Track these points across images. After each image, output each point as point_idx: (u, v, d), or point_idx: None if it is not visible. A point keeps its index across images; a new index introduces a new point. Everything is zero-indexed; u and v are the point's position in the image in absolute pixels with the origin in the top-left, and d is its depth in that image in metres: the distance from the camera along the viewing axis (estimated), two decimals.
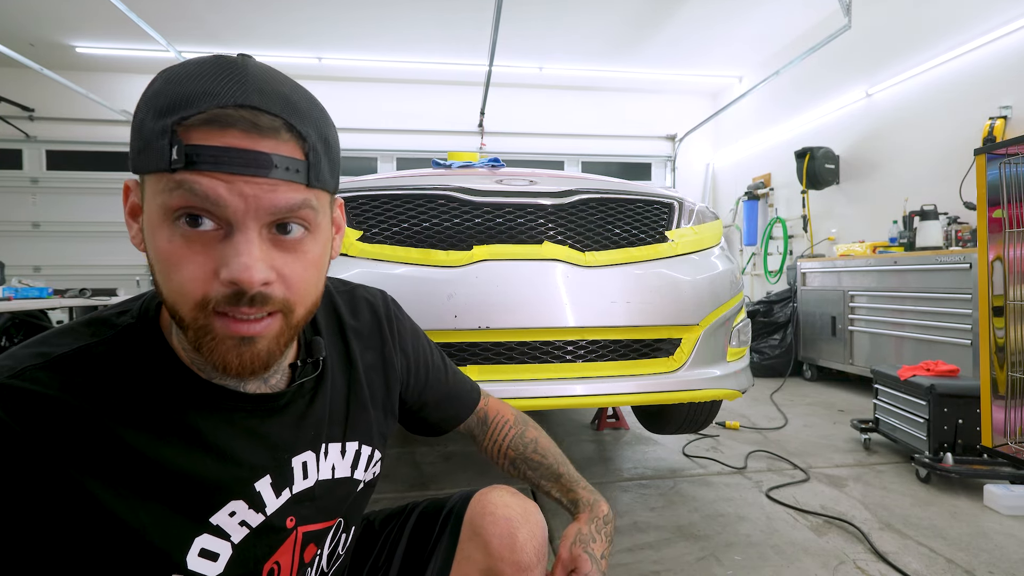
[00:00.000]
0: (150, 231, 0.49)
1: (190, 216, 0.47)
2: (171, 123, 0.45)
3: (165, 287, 0.49)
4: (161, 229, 0.48)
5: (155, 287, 0.52)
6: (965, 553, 1.52)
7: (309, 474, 0.62)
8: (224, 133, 0.46)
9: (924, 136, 3.94)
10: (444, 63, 5.94)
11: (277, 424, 0.60)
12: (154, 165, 0.46)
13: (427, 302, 1.37)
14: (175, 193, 0.46)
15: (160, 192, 0.47)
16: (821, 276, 4.10)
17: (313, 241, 0.53)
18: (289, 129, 0.48)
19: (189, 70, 0.48)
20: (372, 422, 0.70)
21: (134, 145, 0.48)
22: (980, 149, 1.93)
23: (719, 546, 1.57)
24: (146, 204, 0.49)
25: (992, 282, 1.92)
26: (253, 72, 0.48)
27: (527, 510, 0.73)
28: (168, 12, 4.73)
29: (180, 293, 0.48)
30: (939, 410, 2.09)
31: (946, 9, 3.79)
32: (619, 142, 6.92)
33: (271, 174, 0.47)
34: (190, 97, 0.46)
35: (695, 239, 1.67)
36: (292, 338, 0.54)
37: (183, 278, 0.48)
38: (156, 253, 0.48)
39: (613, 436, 2.71)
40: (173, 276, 0.48)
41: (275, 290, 0.49)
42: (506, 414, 0.89)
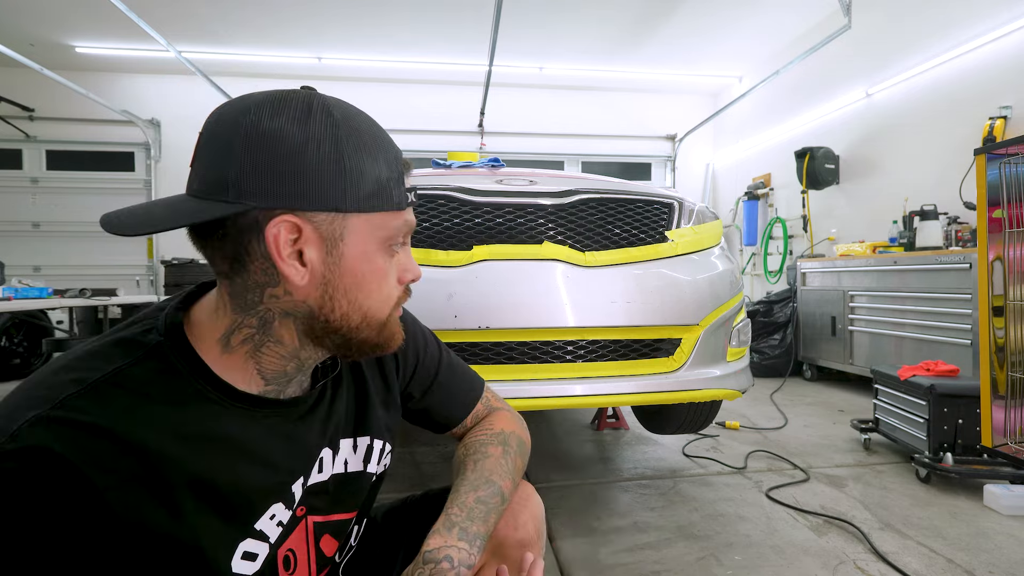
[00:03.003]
0: (360, 258, 0.56)
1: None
2: (399, 171, 0.58)
3: (371, 300, 0.58)
4: (378, 254, 0.57)
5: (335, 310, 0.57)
6: (965, 553, 1.52)
7: (324, 468, 0.66)
8: (408, 179, 0.60)
9: (924, 136, 3.94)
10: (444, 63, 5.94)
11: (307, 425, 0.63)
12: (387, 205, 0.56)
13: (427, 302, 1.36)
14: (403, 228, 0.59)
15: (380, 226, 0.56)
16: (821, 276, 4.10)
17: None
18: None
19: (365, 118, 0.60)
20: (378, 416, 0.73)
21: (357, 187, 0.54)
22: (980, 149, 1.93)
23: (719, 546, 1.57)
24: (352, 236, 0.55)
25: (992, 282, 1.92)
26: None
27: (526, 493, 0.78)
28: (168, 12, 4.74)
29: (388, 299, 0.60)
30: (939, 410, 2.09)
31: (946, 9, 3.79)
32: (619, 142, 6.92)
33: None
34: (391, 146, 0.59)
35: (695, 239, 1.67)
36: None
37: (390, 287, 0.60)
38: (369, 275, 0.57)
39: (613, 436, 2.71)
40: (383, 288, 0.59)
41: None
42: (495, 424, 0.83)
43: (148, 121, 6.04)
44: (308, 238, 0.53)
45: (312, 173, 0.52)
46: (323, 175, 0.52)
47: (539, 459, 2.34)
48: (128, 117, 5.83)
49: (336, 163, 0.53)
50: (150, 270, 6.12)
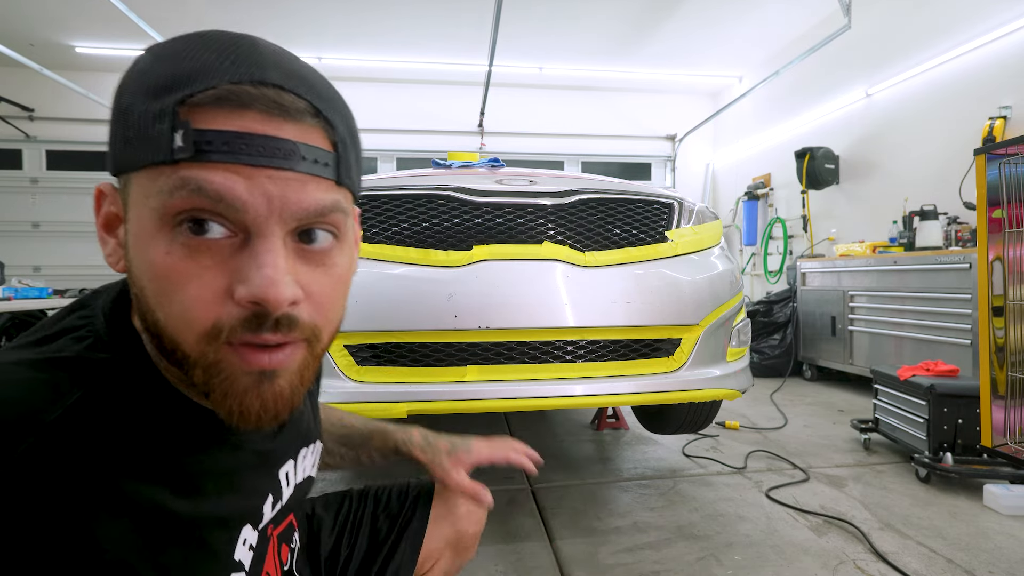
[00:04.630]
0: (139, 243, 0.39)
1: (195, 221, 0.37)
2: (172, 103, 0.36)
3: (162, 314, 0.39)
4: (156, 239, 0.38)
5: (143, 317, 0.41)
6: (965, 553, 1.52)
7: (290, 481, 0.59)
8: (241, 115, 0.37)
9: (924, 136, 3.94)
10: (444, 63, 5.94)
11: (277, 441, 0.56)
12: (149, 157, 0.37)
13: (427, 302, 1.37)
14: (178, 193, 0.36)
15: (156, 193, 0.37)
16: (821, 276, 4.10)
17: (340, 252, 0.44)
18: (316, 114, 0.40)
19: (188, 44, 0.39)
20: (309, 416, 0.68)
21: (117, 135, 0.39)
22: (980, 149, 1.93)
23: (719, 546, 1.57)
24: (132, 210, 0.39)
25: (992, 282, 1.92)
26: (266, 47, 0.41)
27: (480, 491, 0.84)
28: (168, 12, 4.74)
29: (183, 320, 0.38)
30: (939, 410, 2.09)
31: (946, 9, 3.79)
32: (619, 142, 6.92)
33: (299, 167, 0.39)
34: (195, 72, 0.37)
35: (695, 239, 1.67)
36: (315, 372, 0.46)
37: (187, 300, 0.38)
38: (150, 270, 0.39)
39: (613, 436, 2.71)
40: (174, 299, 0.38)
41: (302, 312, 0.41)
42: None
43: None
44: (108, 212, 0.43)
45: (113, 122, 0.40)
46: (110, 123, 0.40)
47: None
48: None
49: (115, 104, 0.40)
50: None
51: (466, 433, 0.88)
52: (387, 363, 1.42)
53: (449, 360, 1.42)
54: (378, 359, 1.42)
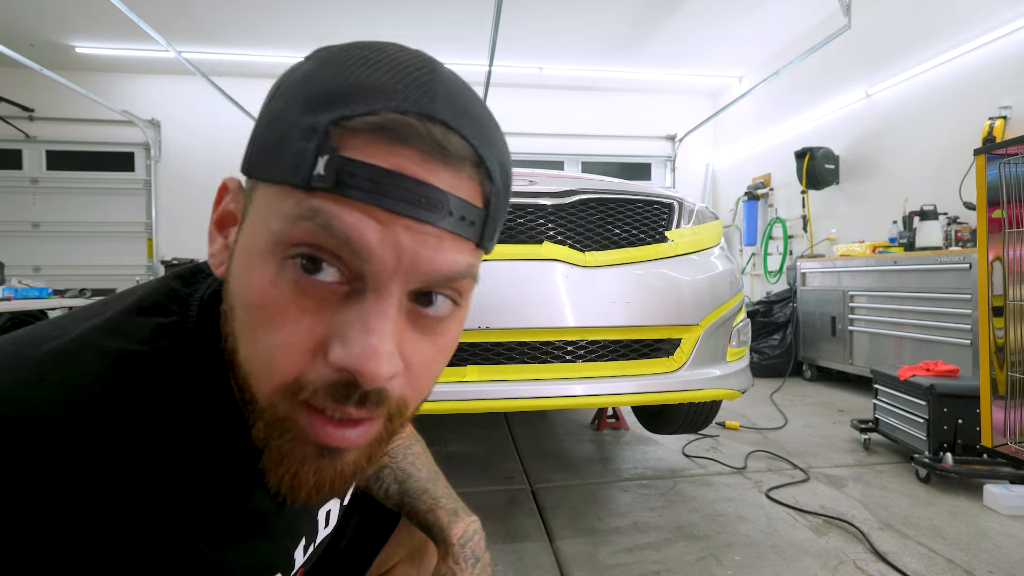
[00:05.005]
0: (245, 259, 0.35)
1: (310, 259, 0.33)
2: (325, 122, 0.32)
3: (245, 347, 0.35)
4: (265, 264, 0.33)
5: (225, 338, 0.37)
6: (965, 553, 1.52)
7: (330, 521, 0.55)
8: (397, 151, 0.32)
9: (924, 136, 3.94)
10: (444, 63, 5.93)
11: None
12: (284, 175, 0.33)
13: None
14: (303, 223, 0.32)
15: (280, 214, 0.33)
16: (821, 276, 4.11)
17: (455, 321, 0.40)
18: (477, 163, 0.35)
19: (360, 54, 0.34)
20: None
21: (259, 137, 0.35)
22: (980, 149, 1.93)
23: (719, 546, 1.57)
24: (250, 221, 0.35)
25: (992, 282, 1.92)
26: (445, 74, 0.37)
27: None
28: (168, 12, 4.74)
29: (266, 363, 0.34)
30: (939, 410, 2.09)
31: (945, 9, 3.79)
32: (619, 142, 6.92)
33: (442, 223, 0.34)
34: (359, 90, 0.32)
35: (695, 239, 1.67)
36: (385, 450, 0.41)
37: (277, 343, 0.33)
38: (247, 295, 0.34)
39: (613, 436, 2.71)
40: (264, 337, 0.34)
41: (394, 386, 0.35)
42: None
43: (148, 121, 6.04)
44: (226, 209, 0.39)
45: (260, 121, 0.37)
46: (257, 120, 0.37)
47: (539, 459, 2.34)
48: (128, 117, 5.83)
49: (269, 103, 0.36)
50: (150, 270, 6.12)
51: (466, 431, 0.87)
52: None
53: None
54: None
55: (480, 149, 0.35)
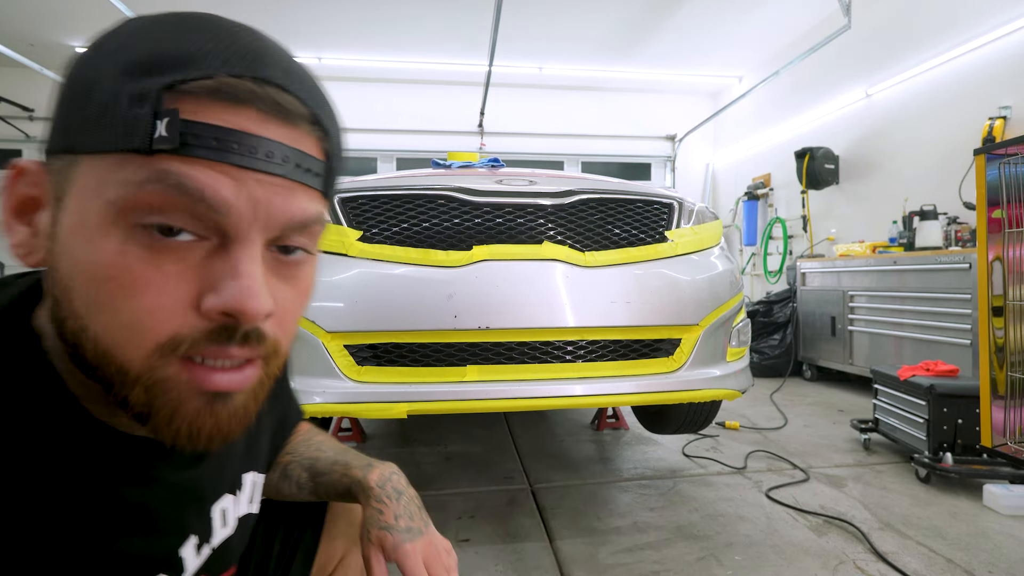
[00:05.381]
0: (79, 238, 0.34)
1: (164, 227, 0.33)
2: (156, 87, 0.32)
3: (97, 322, 0.34)
4: (107, 235, 0.33)
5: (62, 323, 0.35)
6: (965, 553, 1.52)
7: (228, 520, 0.51)
8: (236, 111, 0.34)
9: (924, 136, 3.95)
10: (444, 63, 5.94)
11: (204, 471, 0.48)
12: (118, 141, 0.32)
13: (427, 302, 1.37)
14: (151, 186, 0.32)
15: (119, 183, 0.33)
16: (821, 276, 4.11)
17: (311, 267, 0.43)
18: (313, 121, 0.38)
19: (182, 23, 0.35)
20: (264, 445, 0.61)
21: (75, 111, 0.34)
22: (980, 149, 1.93)
23: (719, 546, 1.57)
24: (74, 199, 0.34)
25: (991, 282, 1.92)
26: (269, 41, 0.37)
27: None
28: None
29: (132, 331, 0.34)
30: (939, 410, 2.09)
31: (946, 9, 3.79)
32: (619, 142, 6.92)
33: (291, 174, 0.36)
34: (189, 56, 0.33)
35: (695, 239, 1.67)
36: (268, 391, 0.41)
37: (141, 309, 0.33)
38: (91, 271, 0.33)
39: (613, 436, 2.71)
40: (122, 306, 0.33)
41: (269, 327, 0.38)
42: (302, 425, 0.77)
43: None
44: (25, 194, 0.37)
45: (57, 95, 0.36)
46: (61, 95, 0.35)
47: (539, 459, 2.34)
48: None
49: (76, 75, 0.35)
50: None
51: (466, 431, 0.87)
52: (387, 363, 1.42)
53: (449, 360, 1.43)
54: (378, 359, 1.42)
55: (314, 108, 0.38)
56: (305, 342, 1.38)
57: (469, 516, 1.78)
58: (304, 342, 1.38)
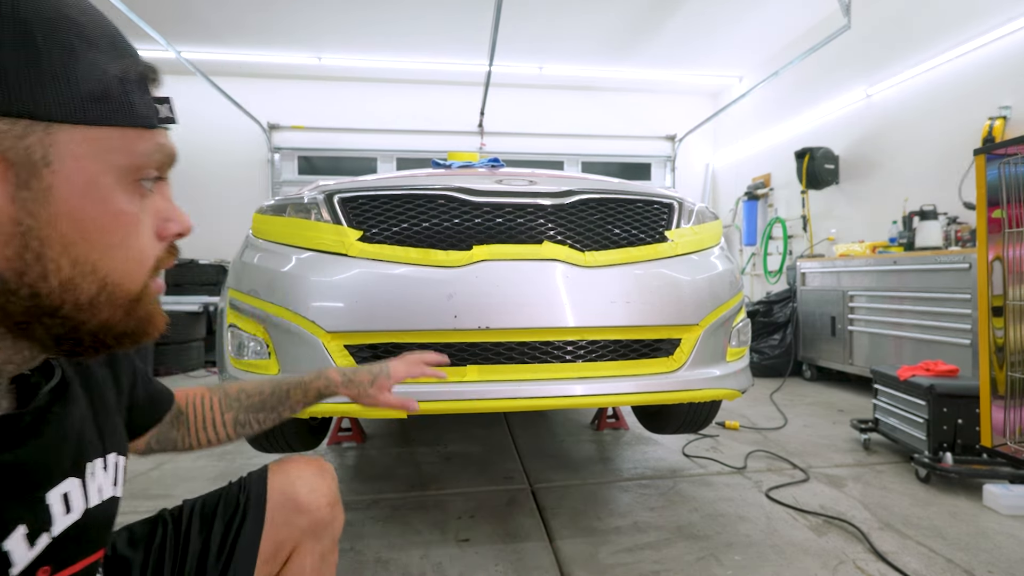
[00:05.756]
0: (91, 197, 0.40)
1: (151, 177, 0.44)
2: (137, 72, 0.42)
3: (113, 260, 0.42)
4: (118, 192, 0.42)
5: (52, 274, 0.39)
6: (964, 553, 1.52)
7: (74, 506, 0.49)
8: (154, 88, 0.45)
9: (924, 136, 3.95)
10: (444, 63, 5.94)
11: (34, 451, 0.46)
12: (123, 116, 0.41)
13: (427, 302, 1.37)
14: (155, 156, 0.43)
15: (129, 152, 0.41)
16: (821, 276, 4.11)
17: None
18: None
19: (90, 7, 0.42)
20: (117, 425, 0.61)
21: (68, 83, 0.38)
22: (980, 149, 1.93)
23: (719, 546, 1.57)
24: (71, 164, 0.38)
25: (991, 282, 1.92)
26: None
27: (321, 465, 0.81)
28: (168, 12, 4.74)
29: (140, 262, 0.44)
30: (938, 410, 2.09)
31: (946, 9, 3.79)
32: (619, 142, 6.92)
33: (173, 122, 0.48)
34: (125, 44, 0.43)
35: (695, 239, 1.67)
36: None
37: (144, 244, 0.44)
38: (112, 220, 0.41)
39: (613, 436, 2.71)
40: (134, 244, 0.43)
41: None
42: (194, 392, 0.83)
43: None
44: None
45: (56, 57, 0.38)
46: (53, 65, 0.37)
47: (539, 459, 2.34)
48: None
49: (22, 44, 0.36)
50: None
51: (466, 431, 0.88)
52: None
53: (449, 360, 1.42)
54: (378, 359, 1.42)
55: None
56: (305, 342, 1.38)
57: (469, 516, 1.78)
58: (304, 342, 1.38)
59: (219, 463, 2.35)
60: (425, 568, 1.46)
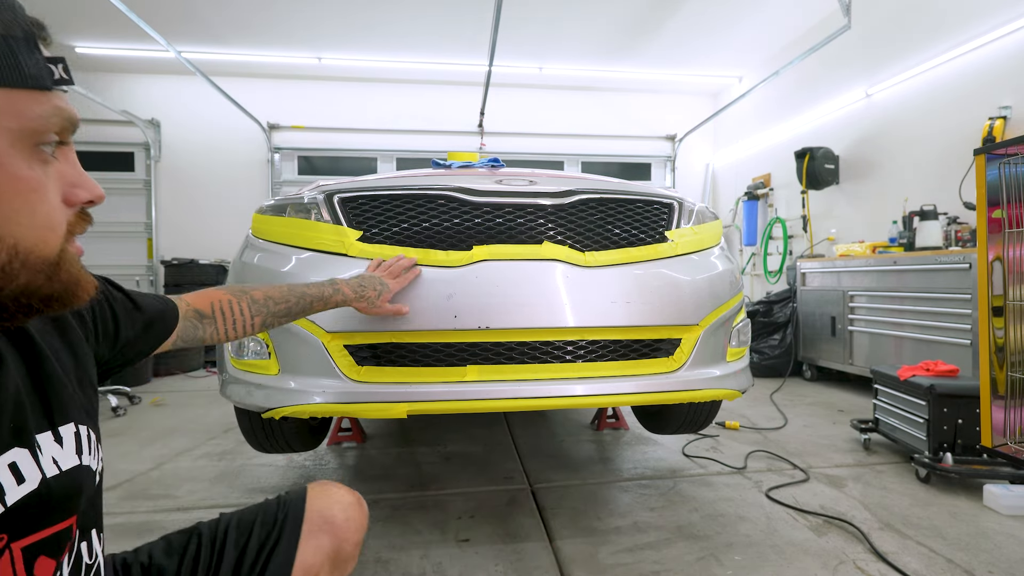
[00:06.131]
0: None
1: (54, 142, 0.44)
2: (34, 34, 0.42)
3: (24, 227, 0.42)
4: (15, 157, 0.41)
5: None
6: (965, 553, 1.52)
7: (26, 475, 0.49)
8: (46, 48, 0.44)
9: (924, 136, 3.95)
10: (444, 63, 5.94)
11: None
12: (19, 80, 0.41)
13: (427, 302, 1.37)
14: (53, 119, 0.43)
15: (24, 115, 0.41)
16: (821, 276, 4.11)
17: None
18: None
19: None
20: (73, 396, 0.60)
21: None
22: (980, 149, 1.93)
23: (719, 546, 1.57)
24: None
25: (992, 282, 1.92)
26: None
27: (359, 498, 0.83)
28: (168, 12, 4.74)
29: (50, 228, 0.44)
30: (939, 410, 2.09)
31: (946, 9, 3.79)
32: (619, 142, 6.92)
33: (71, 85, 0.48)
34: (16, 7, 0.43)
35: (695, 239, 1.67)
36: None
37: (52, 209, 0.44)
38: (13, 186, 0.42)
39: (613, 436, 2.71)
40: (40, 210, 0.43)
41: None
42: (220, 296, 0.91)
43: (148, 121, 6.04)
44: None
45: None
46: None
47: (539, 459, 2.34)
48: (128, 117, 5.83)
49: None
50: (150, 270, 6.12)
51: (466, 431, 0.88)
52: (387, 363, 1.42)
53: (449, 360, 1.42)
54: (378, 359, 1.42)
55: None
56: (305, 342, 1.38)
57: (469, 516, 1.78)
58: (304, 342, 1.38)
59: (219, 463, 2.35)
60: (425, 568, 1.46)
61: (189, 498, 1.96)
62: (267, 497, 0.80)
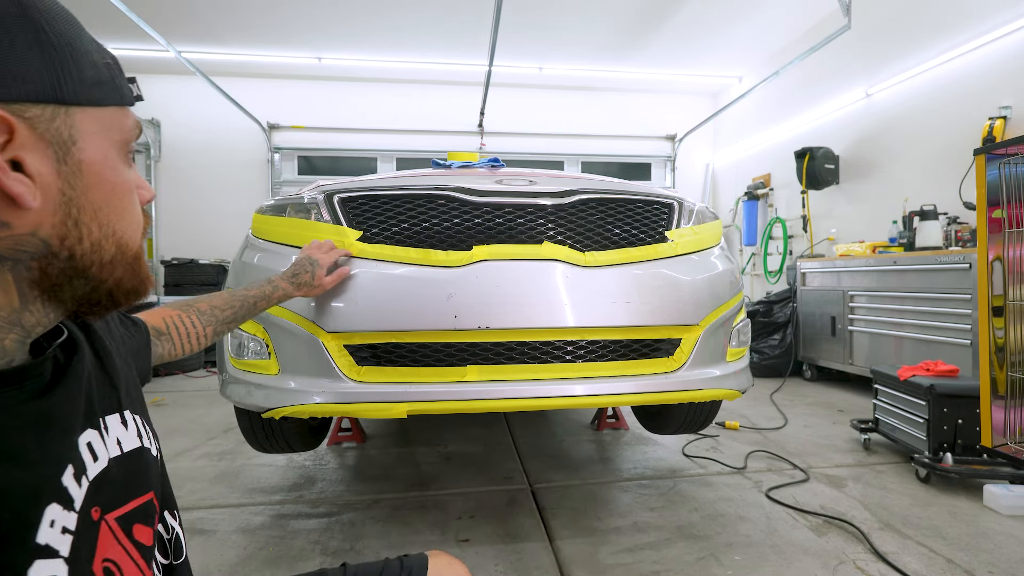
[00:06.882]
0: (108, 169, 0.47)
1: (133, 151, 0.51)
2: (110, 59, 0.49)
3: (124, 223, 0.49)
4: (120, 164, 0.49)
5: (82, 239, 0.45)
6: (965, 553, 1.52)
7: (99, 454, 0.52)
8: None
9: (924, 136, 3.95)
10: (444, 63, 5.94)
11: (58, 400, 0.49)
12: (115, 97, 0.48)
13: (427, 302, 1.37)
14: (135, 131, 0.50)
15: (120, 128, 0.49)
16: (821, 276, 4.11)
17: None
18: None
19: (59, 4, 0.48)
20: (131, 388, 0.63)
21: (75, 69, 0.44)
22: (980, 149, 1.93)
23: (719, 546, 1.57)
24: (89, 140, 0.45)
25: (992, 282, 1.92)
26: None
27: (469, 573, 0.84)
28: (168, 12, 4.74)
29: (137, 224, 0.51)
30: (939, 410, 2.09)
31: (946, 9, 3.79)
32: (619, 142, 6.92)
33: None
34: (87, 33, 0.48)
35: (695, 239, 1.67)
36: None
37: (136, 209, 0.51)
38: (123, 189, 0.49)
39: (613, 436, 2.71)
40: (133, 209, 0.50)
41: None
42: (169, 312, 0.95)
43: (148, 121, 6.04)
44: (25, 141, 0.41)
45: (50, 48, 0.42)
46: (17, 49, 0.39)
47: (539, 459, 2.34)
48: None
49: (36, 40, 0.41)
50: (150, 270, 6.12)
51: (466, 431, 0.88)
52: (387, 363, 1.42)
53: (449, 360, 1.43)
54: (378, 359, 1.42)
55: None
56: (305, 342, 1.38)
57: (469, 516, 1.78)
58: (304, 342, 1.38)
59: (219, 463, 2.35)
60: None
61: (189, 498, 1.96)
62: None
